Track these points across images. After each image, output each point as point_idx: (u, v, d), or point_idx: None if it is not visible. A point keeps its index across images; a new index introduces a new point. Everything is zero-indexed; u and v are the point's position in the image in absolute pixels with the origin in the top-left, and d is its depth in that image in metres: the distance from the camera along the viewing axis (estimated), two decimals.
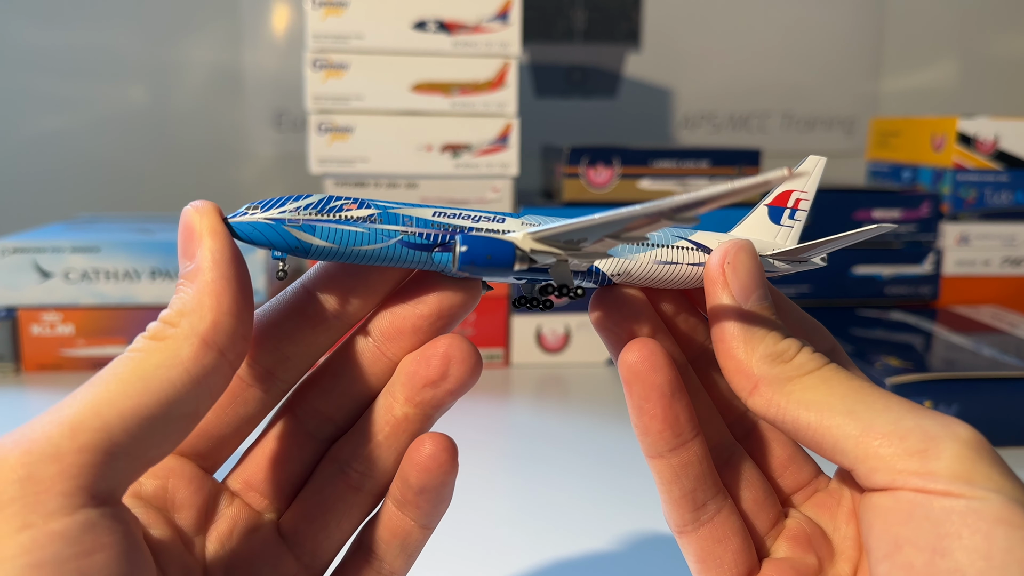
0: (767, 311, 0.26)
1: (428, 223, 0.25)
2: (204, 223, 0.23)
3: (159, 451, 0.21)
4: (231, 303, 0.22)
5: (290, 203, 0.24)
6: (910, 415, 0.23)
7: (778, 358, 0.25)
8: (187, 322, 0.22)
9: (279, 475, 0.27)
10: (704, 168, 0.76)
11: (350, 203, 0.25)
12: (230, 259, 0.23)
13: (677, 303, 0.29)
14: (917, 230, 0.82)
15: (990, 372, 0.58)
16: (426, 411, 0.26)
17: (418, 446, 0.26)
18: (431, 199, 0.74)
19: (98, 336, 0.71)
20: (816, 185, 0.30)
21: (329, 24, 0.69)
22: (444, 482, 0.26)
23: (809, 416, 0.24)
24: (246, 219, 0.24)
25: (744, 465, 0.28)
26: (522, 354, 0.76)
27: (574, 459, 0.57)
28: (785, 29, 1.08)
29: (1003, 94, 1.14)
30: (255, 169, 1.04)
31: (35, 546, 0.18)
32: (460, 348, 0.26)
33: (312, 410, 0.27)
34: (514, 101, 0.72)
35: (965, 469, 0.21)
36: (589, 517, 0.48)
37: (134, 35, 0.99)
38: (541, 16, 1.03)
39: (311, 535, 0.27)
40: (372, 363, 0.27)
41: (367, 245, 0.24)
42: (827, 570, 0.27)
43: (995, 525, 0.20)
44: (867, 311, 0.79)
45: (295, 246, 0.24)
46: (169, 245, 0.71)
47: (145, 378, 0.21)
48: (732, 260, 0.26)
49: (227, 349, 0.22)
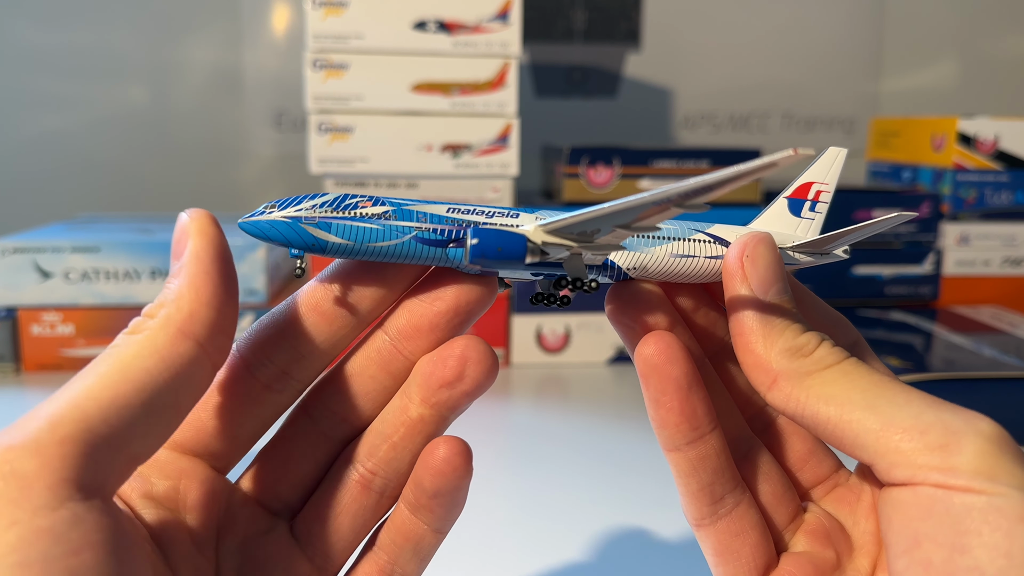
0: (787, 304, 0.25)
1: (442, 219, 0.25)
2: (193, 225, 0.23)
3: (143, 444, 0.21)
4: (211, 295, 0.22)
5: (306, 201, 0.25)
6: (931, 410, 0.22)
7: (797, 352, 0.25)
8: (164, 312, 0.22)
9: (292, 476, 0.27)
10: (704, 168, 0.76)
11: (365, 200, 0.25)
12: (214, 256, 0.23)
13: (696, 297, 0.28)
14: (917, 230, 0.82)
15: (990, 372, 0.58)
16: (442, 412, 0.26)
17: (432, 450, 0.26)
18: (431, 199, 0.74)
19: (98, 336, 0.71)
20: (836, 177, 0.29)
21: (329, 24, 0.69)
22: (458, 486, 0.26)
23: (829, 411, 0.23)
24: (264, 218, 0.24)
25: (762, 459, 0.28)
26: (522, 354, 0.76)
27: (574, 459, 0.57)
28: (785, 29, 1.08)
29: (1003, 94, 1.14)
30: (255, 169, 1.04)
31: (22, 544, 0.17)
32: (477, 349, 0.26)
33: (327, 410, 0.27)
34: (514, 101, 0.72)
35: (987, 465, 0.21)
36: (589, 517, 0.48)
37: (134, 35, 0.99)
38: (541, 16, 1.03)
39: (324, 536, 0.26)
40: (389, 361, 0.27)
41: (382, 241, 0.25)
42: (846, 565, 0.27)
43: (1016, 523, 0.20)
44: (867, 311, 0.79)
45: (311, 243, 0.24)
46: (169, 245, 0.70)
47: (123, 368, 0.21)
48: (751, 253, 0.25)
49: (205, 340, 0.22)
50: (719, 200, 0.77)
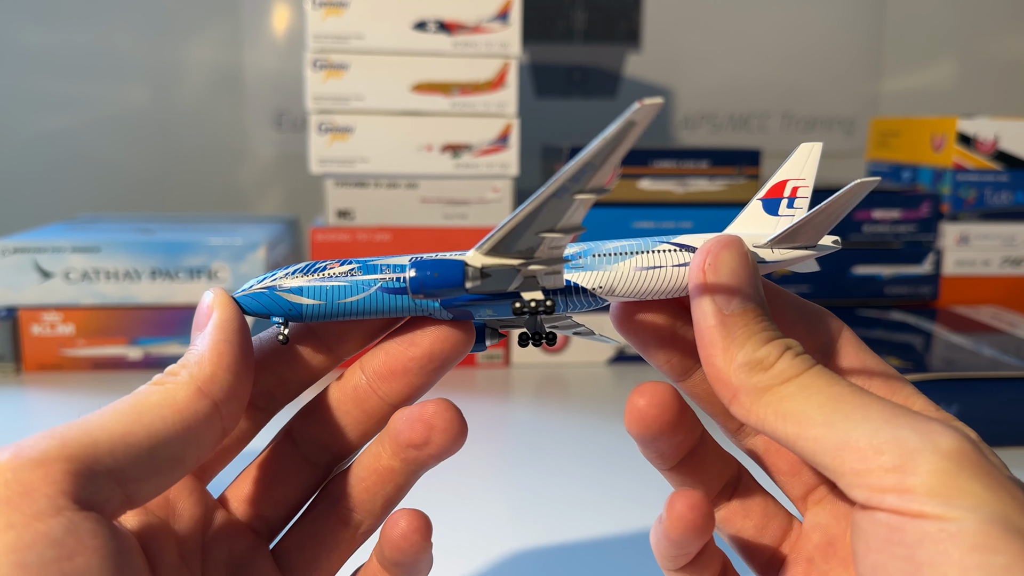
0: (752, 312, 0.24)
1: (404, 268, 0.26)
2: (216, 299, 0.25)
3: (139, 488, 0.21)
4: (231, 362, 0.24)
5: (280, 272, 0.26)
6: (887, 426, 0.21)
7: (757, 366, 0.23)
8: (187, 371, 0.23)
9: (275, 497, 0.28)
10: (704, 168, 0.76)
11: (334, 263, 0.26)
12: (235, 328, 0.25)
13: (674, 313, 0.28)
14: (917, 230, 0.82)
15: (990, 372, 0.58)
16: (411, 467, 0.27)
17: (394, 522, 0.27)
18: (431, 199, 0.74)
19: (98, 336, 0.71)
20: (814, 172, 0.28)
21: (329, 24, 0.69)
22: (417, 559, 0.27)
23: (787, 428, 0.22)
24: (245, 293, 0.26)
25: (745, 494, 0.29)
26: (522, 354, 0.76)
27: (574, 459, 0.57)
28: (785, 29, 1.08)
29: (1003, 94, 1.14)
30: (255, 169, 1.04)
31: (20, 545, 0.18)
32: (443, 417, 0.26)
33: (309, 437, 0.28)
34: (514, 101, 0.72)
35: (942, 484, 0.20)
36: (589, 517, 0.48)
37: (134, 35, 0.99)
38: (541, 16, 1.03)
39: (303, 564, 0.28)
40: (364, 399, 0.28)
41: (350, 296, 0.26)
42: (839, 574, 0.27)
43: (969, 553, 0.19)
44: (867, 311, 0.79)
45: (287, 308, 0.26)
46: (169, 245, 0.71)
47: (139, 411, 0.22)
48: (713, 261, 0.24)
49: (221, 403, 0.23)
50: (716, 201, 0.77)
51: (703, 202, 0.77)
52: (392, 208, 0.73)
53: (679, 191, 0.77)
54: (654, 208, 0.76)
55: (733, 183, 0.77)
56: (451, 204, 0.74)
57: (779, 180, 0.28)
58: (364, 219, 0.73)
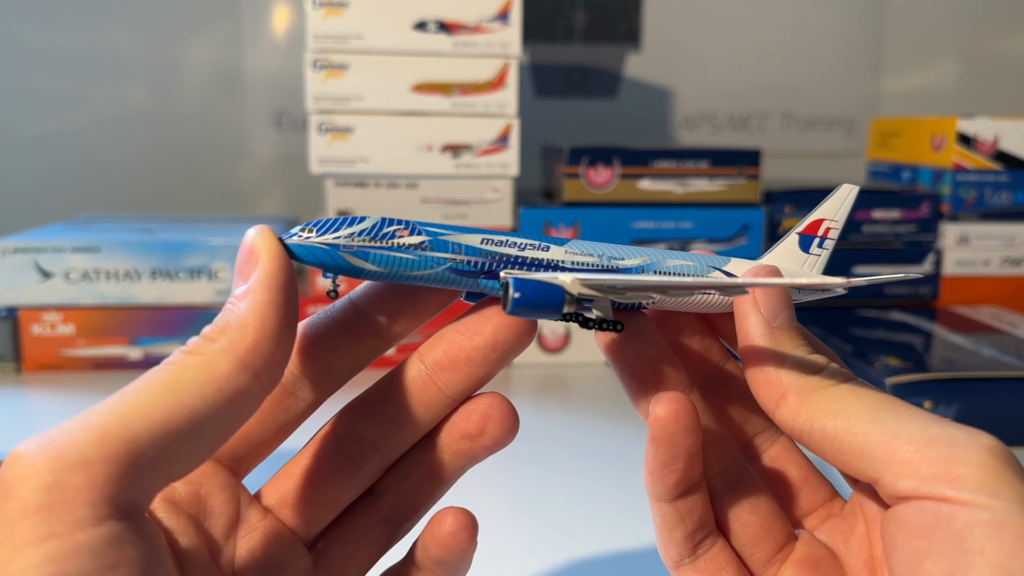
0: (796, 329, 0.26)
1: (477, 251, 0.26)
2: (265, 245, 0.23)
3: (183, 467, 0.21)
4: (276, 328, 0.22)
5: (344, 228, 0.24)
6: (936, 424, 0.23)
7: (809, 368, 0.25)
8: (227, 339, 0.21)
9: (315, 495, 0.27)
10: (704, 168, 0.76)
11: (402, 229, 0.25)
12: (283, 284, 0.22)
13: (691, 324, 0.29)
14: (917, 230, 0.82)
15: (990, 372, 0.58)
16: (460, 461, 0.27)
17: (440, 519, 0.27)
18: (431, 199, 0.74)
19: (99, 336, 0.71)
20: (847, 215, 0.31)
21: (329, 24, 0.70)
22: (462, 558, 0.27)
23: (836, 424, 0.24)
24: (301, 241, 0.24)
25: (751, 487, 0.28)
26: (522, 354, 0.76)
27: (574, 459, 0.57)
28: (785, 29, 1.08)
29: (1003, 94, 1.14)
30: (255, 169, 1.04)
31: (60, 556, 0.18)
32: (499, 408, 0.27)
33: (356, 434, 0.27)
34: (514, 101, 0.72)
35: (991, 478, 0.21)
36: (589, 517, 0.48)
37: (134, 35, 0.99)
38: (541, 16, 1.03)
39: (340, 558, 0.27)
40: (422, 391, 0.27)
41: (418, 271, 0.25)
42: None
43: (1018, 541, 0.20)
44: (867, 311, 0.79)
45: (348, 269, 0.25)
46: (169, 245, 0.71)
47: (178, 391, 0.20)
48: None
49: (262, 373, 0.22)
50: (716, 202, 0.77)
51: (703, 202, 0.77)
52: (392, 208, 0.73)
53: (679, 191, 0.77)
54: (654, 208, 0.76)
55: (733, 183, 0.77)
56: (451, 204, 0.74)
57: (817, 218, 0.31)
58: None
